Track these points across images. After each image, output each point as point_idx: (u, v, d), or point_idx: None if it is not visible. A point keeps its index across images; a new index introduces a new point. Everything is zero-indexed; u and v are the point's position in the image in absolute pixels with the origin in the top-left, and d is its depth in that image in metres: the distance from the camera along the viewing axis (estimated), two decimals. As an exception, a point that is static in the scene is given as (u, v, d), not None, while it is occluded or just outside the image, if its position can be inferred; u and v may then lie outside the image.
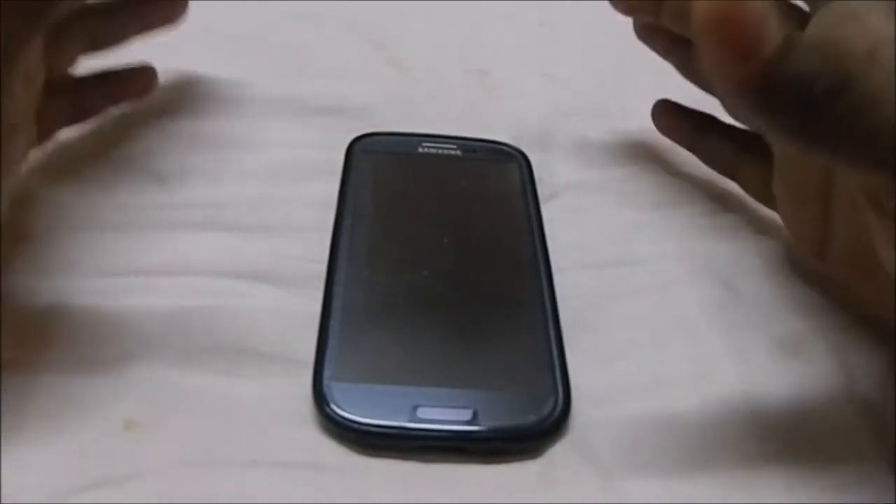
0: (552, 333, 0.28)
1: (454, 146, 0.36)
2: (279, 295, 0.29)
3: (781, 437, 0.26)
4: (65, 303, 0.28)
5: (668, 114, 0.36)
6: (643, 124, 0.39)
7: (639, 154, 0.38)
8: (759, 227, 0.34)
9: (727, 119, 0.34)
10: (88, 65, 0.33)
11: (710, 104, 0.33)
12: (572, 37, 0.46)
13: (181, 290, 0.29)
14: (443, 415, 0.25)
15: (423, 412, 0.25)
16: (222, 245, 0.31)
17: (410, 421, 0.25)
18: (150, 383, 0.26)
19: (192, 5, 0.36)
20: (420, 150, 0.35)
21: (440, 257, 0.30)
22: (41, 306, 0.28)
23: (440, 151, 0.35)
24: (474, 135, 0.36)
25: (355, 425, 0.24)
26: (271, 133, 0.36)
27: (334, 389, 0.25)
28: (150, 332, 0.27)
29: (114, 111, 0.35)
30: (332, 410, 0.25)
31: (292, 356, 0.27)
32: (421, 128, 0.36)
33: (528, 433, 0.25)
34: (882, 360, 0.28)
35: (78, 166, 0.33)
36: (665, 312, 0.30)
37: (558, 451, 0.25)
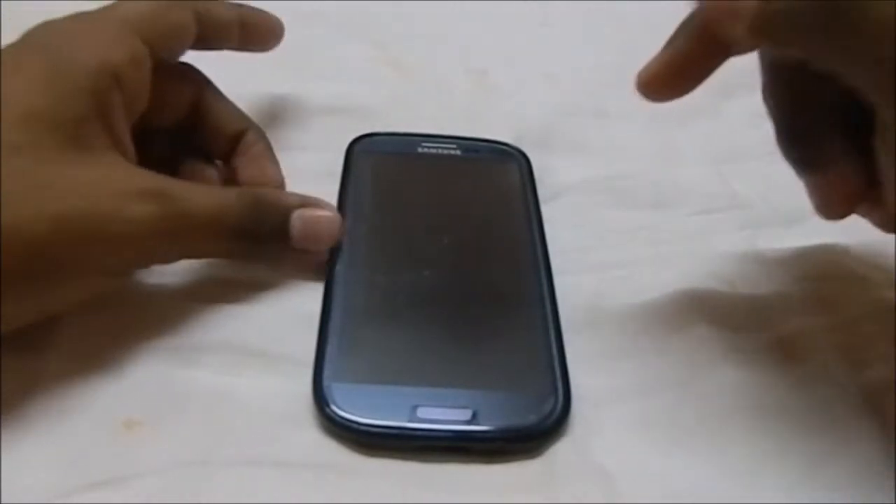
0: (552, 333, 0.28)
1: (454, 146, 0.36)
2: (279, 295, 0.29)
3: (782, 437, 0.26)
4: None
5: None
6: (643, 124, 0.39)
7: (639, 154, 0.38)
8: (760, 226, 0.34)
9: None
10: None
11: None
12: (573, 36, 0.46)
13: (181, 289, 0.29)
14: (443, 415, 0.25)
15: (423, 412, 0.25)
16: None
17: (410, 421, 0.25)
18: (150, 383, 0.26)
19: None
20: (420, 150, 0.35)
21: (440, 257, 0.30)
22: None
23: (440, 151, 0.35)
24: (474, 135, 0.36)
25: (355, 425, 0.24)
26: (271, 133, 0.36)
27: (334, 389, 0.25)
28: (150, 331, 0.27)
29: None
30: (332, 410, 0.25)
31: (292, 356, 0.27)
32: (421, 128, 0.36)
33: (528, 433, 0.25)
34: (882, 360, 0.28)
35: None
36: (664, 313, 0.30)
37: (558, 451, 0.25)
